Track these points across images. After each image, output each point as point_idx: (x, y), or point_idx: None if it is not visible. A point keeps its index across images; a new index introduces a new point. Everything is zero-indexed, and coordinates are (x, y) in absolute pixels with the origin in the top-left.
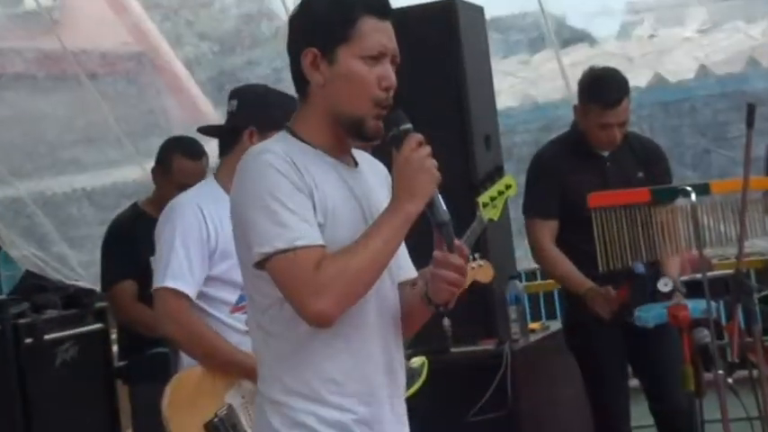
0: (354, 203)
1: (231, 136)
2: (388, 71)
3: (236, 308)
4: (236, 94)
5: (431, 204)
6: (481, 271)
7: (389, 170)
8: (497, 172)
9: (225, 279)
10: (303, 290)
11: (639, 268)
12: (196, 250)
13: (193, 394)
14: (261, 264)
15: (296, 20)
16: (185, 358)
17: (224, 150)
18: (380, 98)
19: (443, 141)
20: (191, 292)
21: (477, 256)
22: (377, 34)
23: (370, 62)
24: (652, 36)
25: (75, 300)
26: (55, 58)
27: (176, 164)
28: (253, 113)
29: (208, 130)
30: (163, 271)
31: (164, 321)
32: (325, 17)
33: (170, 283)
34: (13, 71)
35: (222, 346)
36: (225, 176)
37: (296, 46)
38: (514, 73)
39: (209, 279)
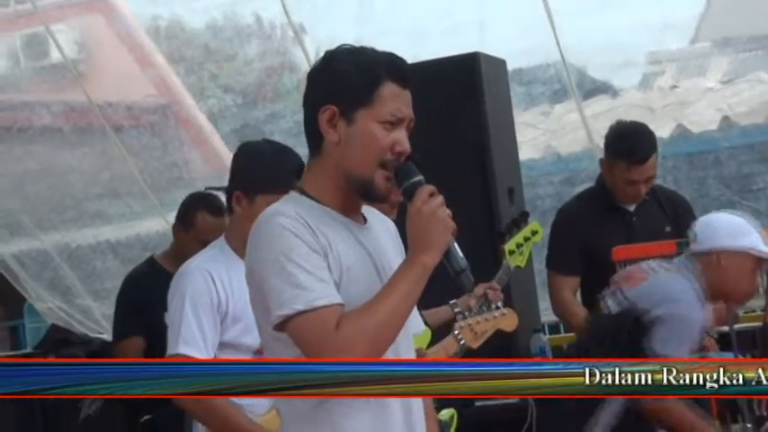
0: (368, 261)
1: (229, 198)
2: (402, 137)
3: None
4: (235, 152)
5: (447, 253)
6: (505, 319)
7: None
8: (523, 218)
9: (236, 344)
10: (325, 349)
11: None
12: (207, 316)
13: None
14: (280, 326)
15: (317, 75)
16: (199, 427)
17: (230, 212)
18: (388, 161)
19: (467, 195)
20: (203, 358)
21: (500, 304)
22: (397, 101)
23: (387, 127)
24: (674, 87)
25: (99, 353)
26: (81, 111)
27: (200, 220)
28: (238, 177)
29: (218, 189)
30: (175, 338)
31: None
32: (349, 78)
33: (182, 350)
34: (40, 124)
35: (235, 416)
36: (233, 239)
37: (314, 101)
38: (536, 125)
39: (221, 344)
